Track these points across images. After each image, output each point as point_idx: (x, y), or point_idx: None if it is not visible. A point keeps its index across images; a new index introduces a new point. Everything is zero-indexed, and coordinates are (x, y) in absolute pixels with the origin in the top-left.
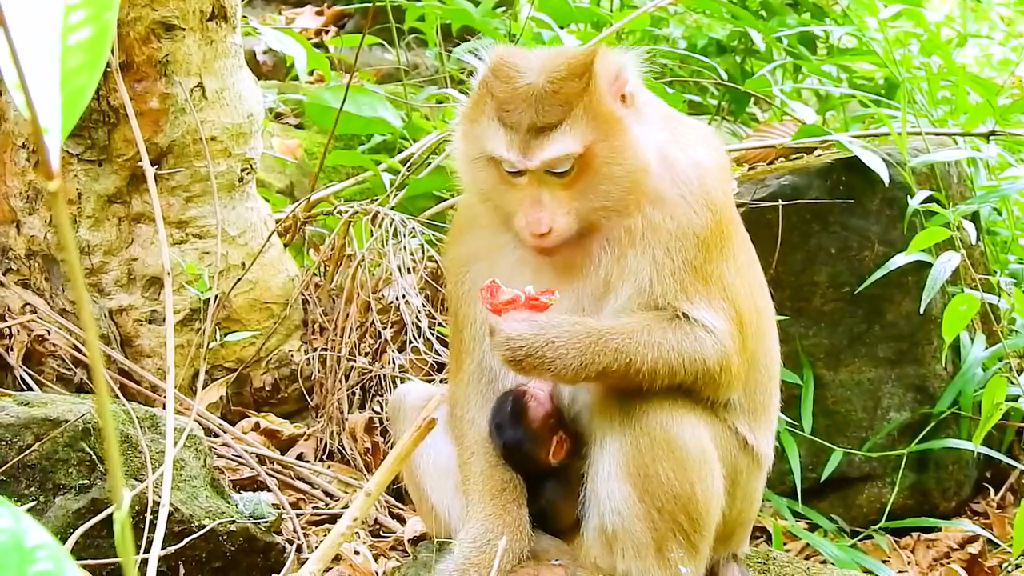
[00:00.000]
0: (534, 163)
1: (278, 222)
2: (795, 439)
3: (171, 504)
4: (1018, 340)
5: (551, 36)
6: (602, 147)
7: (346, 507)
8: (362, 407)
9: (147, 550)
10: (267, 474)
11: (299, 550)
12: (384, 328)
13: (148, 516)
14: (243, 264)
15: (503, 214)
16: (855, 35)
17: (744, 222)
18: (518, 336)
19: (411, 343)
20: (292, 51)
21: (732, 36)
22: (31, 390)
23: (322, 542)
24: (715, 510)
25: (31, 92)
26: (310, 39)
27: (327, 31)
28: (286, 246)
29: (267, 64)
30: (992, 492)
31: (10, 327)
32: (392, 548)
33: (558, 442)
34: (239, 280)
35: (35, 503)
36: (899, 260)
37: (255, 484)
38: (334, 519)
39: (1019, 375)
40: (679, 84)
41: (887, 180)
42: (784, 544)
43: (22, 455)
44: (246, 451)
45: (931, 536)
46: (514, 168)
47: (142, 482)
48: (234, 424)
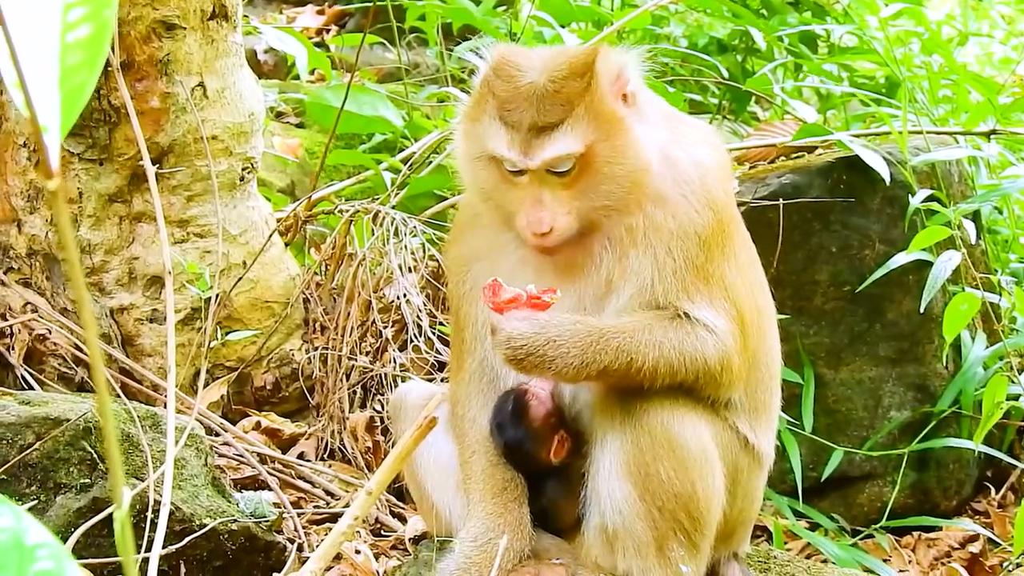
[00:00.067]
0: (535, 162)
1: (279, 221)
2: (796, 438)
3: (172, 503)
4: (1019, 339)
5: (552, 35)
6: (603, 146)
7: (347, 506)
8: (363, 406)
9: (148, 549)
10: (268, 473)
11: (300, 549)
12: (385, 327)
13: (149, 515)
14: (244, 263)
15: (504, 213)
16: (856, 34)
17: (745, 221)
18: (519, 335)
19: (412, 342)
20: (293, 50)
21: (733, 35)
22: (32, 389)
23: (323, 541)
24: (716, 509)
25: (30, 91)
26: (311, 38)
27: (328, 30)
28: (287, 245)
29: (268, 63)
30: (993, 491)
31: (11, 326)
32: (393, 547)
33: (559, 441)
34: (240, 279)
35: (36, 502)
36: (900, 259)
37: (256, 483)
38: (335, 518)
39: (1020, 374)
40: (680, 83)
41: (888, 179)
42: (785, 543)
43: (23, 454)
44: (247, 450)
45: (932, 535)
46: (515, 167)
47: (143, 481)
48: (235, 423)
